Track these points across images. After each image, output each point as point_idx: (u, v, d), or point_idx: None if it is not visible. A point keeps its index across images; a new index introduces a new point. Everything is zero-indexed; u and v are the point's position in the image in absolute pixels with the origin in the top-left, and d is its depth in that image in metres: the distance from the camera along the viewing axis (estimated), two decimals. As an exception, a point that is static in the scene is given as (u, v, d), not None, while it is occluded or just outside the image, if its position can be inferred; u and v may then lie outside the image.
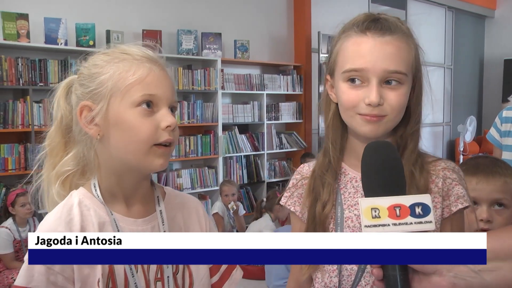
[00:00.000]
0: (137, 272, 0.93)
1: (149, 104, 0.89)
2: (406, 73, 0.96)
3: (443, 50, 8.90)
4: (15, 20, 4.10)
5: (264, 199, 4.74)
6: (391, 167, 0.78)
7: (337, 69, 1.00)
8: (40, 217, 4.05)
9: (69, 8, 4.53)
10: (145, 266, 0.95)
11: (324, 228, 1.02)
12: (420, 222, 0.72)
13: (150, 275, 0.95)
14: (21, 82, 4.12)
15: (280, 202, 1.13)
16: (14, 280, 3.30)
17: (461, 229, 1.04)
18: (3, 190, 4.08)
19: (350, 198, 1.04)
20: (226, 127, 5.56)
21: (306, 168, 1.14)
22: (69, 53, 4.41)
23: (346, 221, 1.02)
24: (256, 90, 5.80)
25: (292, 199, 1.11)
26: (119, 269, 0.91)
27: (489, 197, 1.28)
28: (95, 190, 0.95)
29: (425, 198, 0.73)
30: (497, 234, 0.70)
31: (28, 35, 4.16)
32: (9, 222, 3.68)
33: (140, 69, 0.90)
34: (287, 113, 6.13)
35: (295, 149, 6.17)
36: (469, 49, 9.49)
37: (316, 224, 1.02)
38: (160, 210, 1.00)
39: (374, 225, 0.71)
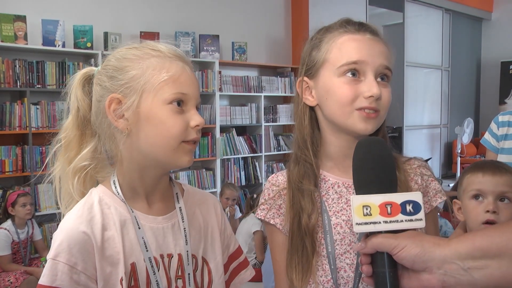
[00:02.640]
0: (158, 270, 0.93)
1: (180, 102, 0.90)
2: (392, 72, 0.99)
3: (440, 52, 8.92)
4: (12, 21, 4.10)
5: (255, 195, 4.72)
6: (384, 163, 0.78)
7: (328, 66, 0.99)
8: (38, 220, 4.05)
9: (66, 10, 4.53)
10: (166, 264, 0.95)
11: (313, 239, 1.00)
12: (411, 220, 0.73)
13: (171, 272, 0.95)
14: (18, 84, 4.12)
15: (257, 216, 1.08)
16: (11, 282, 3.28)
17: (437, 221, 1.10)
18: (0, 192, 4.07)
19: (335, 204, 1.03)
20: (223, 129, 5.56)
21: (281, 178, 1.11)
22: (67, 55, 4.41)
23: (335, 228, 1.01)
24: (254, 92, 5.81)
25: (271, 212, 1.07)
26: (141, 267, 0.91)
27: (495, 189, 1.31)
28: (115, 187, 0.94)
29: (416, 196, 0.74)
30: (485, 232, 0.71)
31: (25, 37, 4.16)
32: (8, 223, 3.67)
33: (173, 67, 0.91)
34: (285, 115, 6.14)
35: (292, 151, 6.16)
36: (466, 51, 9.52)
37: (304, 235, 1.00)
38: (180, 207, 1.00)
39: (365, 223, 0.72)
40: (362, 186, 0.77)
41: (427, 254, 0.69)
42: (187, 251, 0.97)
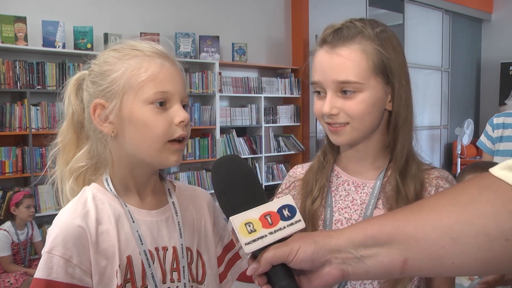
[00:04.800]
0: (153, 262, 0.94)
1: (162, 101, 0.90)
2: (359, 82, 0.95)
3: (440, 53, 8.92)
4: (12, 23, 4.10)
5: None
6: (243, 179, 0.76)
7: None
8: (38, 221, 4.04)
9: (67, 11, 4.53)
10: (161, 256, 0.96)
11: (314, 226, 1.04)
12: (292, 224, 0.72)
13: (166, 265, 0.96)
14: (18, 85, 4.12)
15: None
16: (11, 283, 3.28)
17: None
18: (0, 193, 4.07)
19: (341, 201, 1.05)
20: (224, 130, 5.56)
21: (299, 170, 1.17)
22: (67, 56, 4.41)
23: (335, 224, 1.03)
24: (254, 93, 5.80)
25: None
26: (137, 260, 0.92)
27: None
28: (108, 184, 0.96)
29: (288, 199, 0.74)
30: (377, 221, 0.70)
31: (25, 38, 4.16)
32: (7, 224, 3.67)
33: (152, 65, 0.90)
34: (285, 116, 6.14)
35: (292, 152, 6.17)
36: (466, 52, 9.52)
37: (306, 218, 1.04)
38: (173, 202, 1.02)
39: (253, 240, 0.69)
40: (236, 206, 0.72)
41: (323, 248, 0.68)
42: (182, 244, 0.99)
